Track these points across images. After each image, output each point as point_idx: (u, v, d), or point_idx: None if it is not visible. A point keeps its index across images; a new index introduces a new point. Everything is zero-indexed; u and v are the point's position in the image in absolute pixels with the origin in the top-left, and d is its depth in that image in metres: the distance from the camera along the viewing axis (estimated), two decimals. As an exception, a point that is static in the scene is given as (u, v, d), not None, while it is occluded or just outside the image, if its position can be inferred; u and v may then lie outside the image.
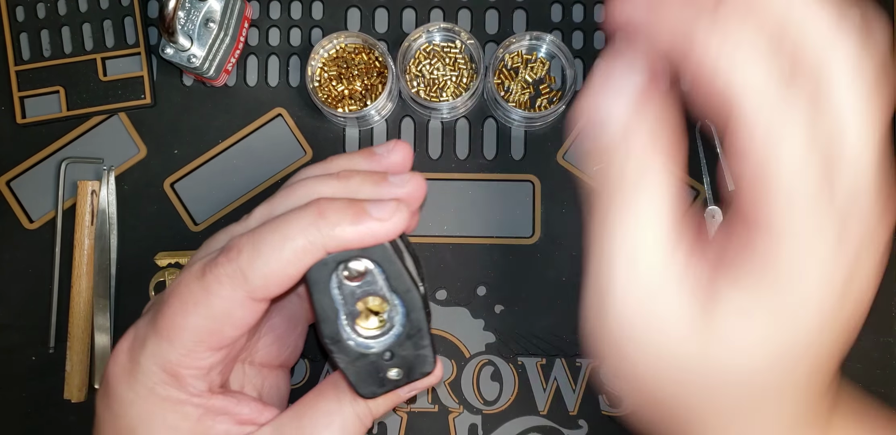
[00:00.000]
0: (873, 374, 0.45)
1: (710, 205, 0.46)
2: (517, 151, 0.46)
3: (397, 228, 0.28)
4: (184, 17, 0.42)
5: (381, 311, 0.29)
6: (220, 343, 0.28)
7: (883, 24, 0.23)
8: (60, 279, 0.45)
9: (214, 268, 0.28)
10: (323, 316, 0.28)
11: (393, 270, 0.28)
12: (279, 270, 0.27)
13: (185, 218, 0.46)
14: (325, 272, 0.28)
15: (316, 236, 0.27)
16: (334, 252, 0.28)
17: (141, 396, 0.29)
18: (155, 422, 0.29)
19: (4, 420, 0.44)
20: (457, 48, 0.46)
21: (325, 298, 0.28)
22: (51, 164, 0.46)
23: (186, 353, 0.28)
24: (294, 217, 0.27)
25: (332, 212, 0.27)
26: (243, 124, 0.46)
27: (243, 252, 0.27)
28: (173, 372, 0.29)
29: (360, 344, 0.29)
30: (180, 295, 0.28)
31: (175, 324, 0.28)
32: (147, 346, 0.29)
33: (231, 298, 0.27)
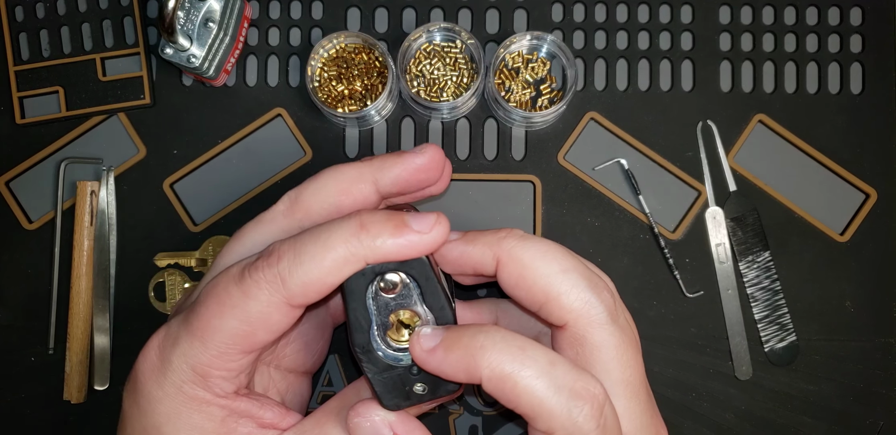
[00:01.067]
0: (874, 375, 0.45)
1: (711, 206, 0.46)
2: (518, 152, 0.46)
3: (437, 241, 0.28)
4: (183, 16, 0.42)
5: (413, 324, 0.29)
6: (252, 347, 0.29)
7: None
8: (60, 280, 0.45)
9: (254, 272, 0.28)
10: (356, 325, 0.29)
11: (429, 286, 0.29)
12: (318, 279, 0.27)
13: (184, 218, 0.46)
14: (363, 282, 0.28)
15: (357, 248, 0.27)
16: (374, 263, 0.28)
17: (169, 394, 0.29)
18: (180, 421, 0.29)
19: (4, 421, 0.44)
20: (457, 48, 0.45)
21: (360, 307, 0.28)
22: (50, 164, 0.46)
23: (218, 354, 0.28)
24: (336, 227, 0.28)
25: (374, 225, 0.28)
26: (243, 124, 0.46)
27: (284, 259, 0.28)
28: (203, 372, 0.29)
29: (388, 356, 0.29)
30: (217, 296, 0.28)
31: (210, 325, 0.28)
32: (179, 344, 0.29)
33: (268, 302, 0.28)
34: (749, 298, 0.45)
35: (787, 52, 0.47)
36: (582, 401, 0.26)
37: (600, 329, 0.29)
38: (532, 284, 0.29)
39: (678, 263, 0.45)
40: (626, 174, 0.46)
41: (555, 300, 0.29)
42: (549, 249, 0.30)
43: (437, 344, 0.27)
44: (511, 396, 0.26)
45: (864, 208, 0.46)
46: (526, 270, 0.29)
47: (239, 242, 0.33)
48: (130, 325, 0.45)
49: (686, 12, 0.47)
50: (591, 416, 0.26)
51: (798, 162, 0.46)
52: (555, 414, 0.26)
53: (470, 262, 0.30)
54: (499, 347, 0.27)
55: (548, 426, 0.26)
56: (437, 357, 0.27)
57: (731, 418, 0.45)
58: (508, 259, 0.30)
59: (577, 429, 0.26)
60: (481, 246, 0.30)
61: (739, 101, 0.47)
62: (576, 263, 0.30)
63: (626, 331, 0.30)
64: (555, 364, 0.27)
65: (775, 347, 0.45)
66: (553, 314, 0.30)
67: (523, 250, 0.29)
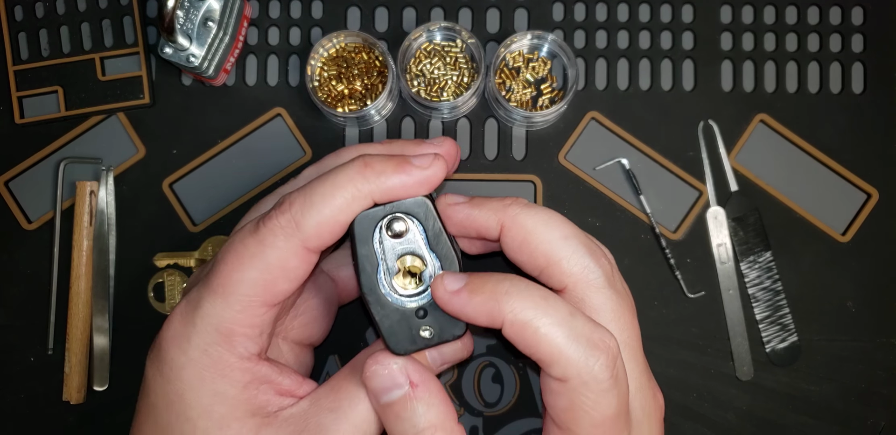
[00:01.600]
0: (876, 375, 0.45)
1: (713, 206, 0.46)
2: (518, 151, 0.46)
3: (437, 175, 0.30)
4: (183, 16, 0.42)
5: (419, 271, 0.30)
6: (273, 298, 0.30)
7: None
8: (59, 280, 0.45)
9: (268, 221, 0.29)
10: (363, 268, 0.30)
11: (433, 228, 0.30)
12: (330, 218, 0.29)
13: (183, 218, 0.46)
14: (370, 226, 0.30)
15: (363, 184, 0.29)
16: (381, 201, 0.30)
17: (193, 358, 0.30)
18: (203, 387, 0.30)
19: (3, 421, 0.44)
20: (458, 47, 0.45)
21: (367, 250, 0.30)
22: (49, 164, 0.46)
23: (241, 309, 0.29)
24: (342, 169, 0.30)
25: (377, 162, 0.29)
26: (242, 124, 0.46)
27: (295, 204, 0.29)
28: (227, 331, 0.30)
29: (395, 300, 0.30)
30: (235, 250, 0.29)
31: (231, 279, 0.29)
32: (202, 306, 0.30)
33: (286, 248, 0.29)
34: (750, 298, 0.45)
35: (788, 52, 0.47)
36: (598, 351, 0.27)
37: (598, 293, 0.31)
38: (534, 249, 0.31)
39: (679, 263, 0.45)
40: (627, 174, 0.46)
41: (556, 265, 0.31)
42: (552, 216, 0.31)
43: (462, 287, 0.29)
44: (531, 342, 0.27)
45: (865, 208, 0.46)
46: (529, 236, 0.31)
47: (256, 212, 0.35)
48: (130, 325, 0.45)
49: (687, 12, 0.47)
50: (606, 365, 0.27)
51: (799, 162, 0.46)
52: (572, 361, 0.27)
53: (475, 224, 0.32)
54: (523, 295, 0.28)
55: (563, 372, 0.27)
56: (461, 299, 0.28)
57: (732, 419, 0.44)
58: (513, 224, 0.31)
59: (592, 377, 0.27)
60: (487, 210, 0.32)
61: (741, 101, 0.46)
62: (576, 231, 0.31)
63: (623, 296, 0.32)
64: (574, 315, 0.28)
65: (776, 348, 0.45)
66: (553, 278, 0.31)
67: (527, 217, 0.31)
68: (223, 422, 0.30)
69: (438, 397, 0.29)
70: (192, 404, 0.30)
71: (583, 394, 0.27)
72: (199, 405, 0.30)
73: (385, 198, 0.30)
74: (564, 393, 0.28)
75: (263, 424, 0.30)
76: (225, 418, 0.30)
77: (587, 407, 0.28)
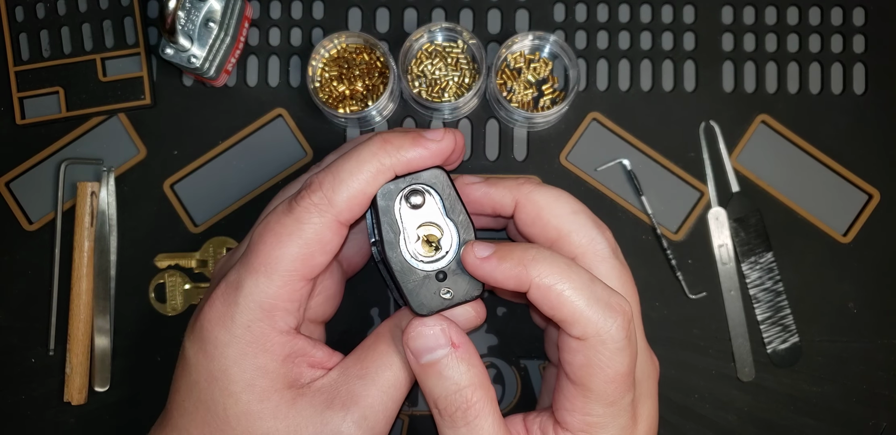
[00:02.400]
0: (877, 376, 0.45)
1: (714, 206, 0.46)
2: (520, 152, 0.46)
3: (449, 146, 0.33)
4: (184, 17, 0.42)
5: (437, 239, 0.33)
6: (311, 271, 0.32)
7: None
8: (60, 281, 0.45)
9: (301, 200, 0.32)
10: (386, 237, 0.32)
11: (449, 196, 0.33)
12: (359, 192, 0.32)
13: (184, 219, 0.45)
14: (391, 198, 0.32)
15: (385, 158, 0.32)
16: (401, 173, 0.32)
17: (236, 336, 0.32)
18: (246, 362, 0.32)
19: (4, 422, 0.44)
20: (459, 48, 0.45)
21: (390, 219, 0.32)
22: (50, 165, 0.46)
23: (283, 284, 0.32)
24: (364, 146, 0.32)
25: (395, 138, 0.32)
26: (243, 125, 0.46)
27: (325, 182, 0.32)
28: (269, 307, 0.32)
29: (417, 265, 0.32)
30: (272, 230, 0.32)
31: (272, 256, 0.31)
32: (244, 286, 0.32)
33: (321, 222, 0.31)
34: (752, 299, 0.45)
35: (789, 53, 0.47)
36: (615, 313, 0.30)
37: (604, 262, 0.34)
38: (546, 223, 0.34)
39: (681, 264, 0.45)
40: (628, 175, 0.46)
41: (565, 237, 0.34)
42: (562, 193, 0.35)
43: (491, 254, 0.31)
44: (555, 304, 0.30)
45: (866, 209, 0.46)
46: (542, 211, 0.34)
47: (282, 195, 0.37)
48: (131, 326, 0.45)
49: (689, 12, 0.47)
50: (622, 326, 0.30)
51: (801, 163, 0.46)
52: (591, 321, 0.30)
53: (490, 202, 0.35)
54: (548, 261, 0.30)
55: (583, 332, 0.30)
56: (491, 265, 0.31)
57: (733, 420, 0.44)
58: (526, 201, 0.34)
59: (610, 336, 0.30)
60: (502, 188, 0.35)
61: (742, 102, 0.46)
62: (583, 207, 0.35)
63: (626, 267, 0.35)
64: (594, 281, 0.30)
65: (778, 349, 0.45)
66: (563, 249, 0.34)
67: (539, 194, 0.34)
68: (264, 394, 0.32)
69: (477, 359, 0.32)
70: (235, 379, 0.32)
71: (599, 352, 0.30)
72: (243, 380, 0.32)
73: (405, 169, 0.32)
74: (582, 351, 0.30)
75: (298, 395, 0.32)
76: (266, 391, 0.32)
77: (603, 364, 0.30)
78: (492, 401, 0.31)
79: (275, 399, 0.32)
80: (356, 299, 0.44)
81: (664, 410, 0.44)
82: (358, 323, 0.45)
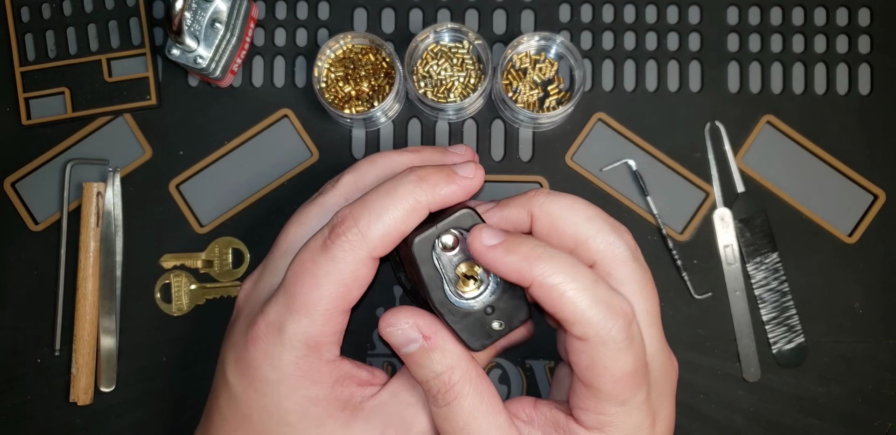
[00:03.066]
0: (883, 376, 0.45)
1: (720, 207, 0.46)
2: (525, 153, 0.46)
3: (480, 181, 0.34)
4: (190, 17, 0.42)
5: (476, 273, 0.33)
6: (348, 304, 0.33)
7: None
8: (66, 281, 0.45)
9: (337, 238, 0.32)
10: (431, 285, 0.32)
11: None
12: (393, 229, 0.32)
13: (190, 220, 0.46)
14: (427, 247, 0.32)
15: (420, 196, 0.32)
16: (434, 209, 0.33)
17: (286, 373, 0.33)
18: (299, 394, 0.33)
19: (9, 423, 0.44)
20: (464, 49, 0.45)
21: (430, 269, 0.32)
22: (56, 165, 0.46)
23: (324, 322, 0.32)
24: (399, 182, 0.32)
25: (431, 175, 0.33)
26: (249, 125, 0.46)
27: (361, 219, 0.32)
28: (315, 343, 0.33)
29: (463, 305, 0.33)
30: (308, 271, 0.32)
31: (310, 298, 0.32)
32: (287, 328, 0.32)
33: (355, 260, 0.32)
34: (757, 299, 0.45)
35: (795, 53, 0.47)
36: (616, 315, 0.30)
37: (624, 266, 0.33)
38: (562, 232, 0.34)
39: (686, 265, 0.45)
40: (633, 175, 0.46)
41: (583, 244, 0.33)
42: (575, 201, 0.34)
43: (499, 243, 0.31)
44: (556, 303, 0.30)
45: (872, 209, 0.46)
46: (556, 221, 0.34)
47: (301, 224, 0.37)
48: (137, 326, 0.45)
49: (694, 13, 0.47)
50: (623, 328, 0.30)
51: (806, 163, 0.46)
52: (592, 322, 0.30)
53: (509, 223, 0.35)
54: (553, 260, 0.30)
55: (584, 332, 0.30)
56: (496, 255, 0.31)
57: (738, 420, 0.44)
58: (540, 213, 0.34)
59: (610, 337, 0.30)
60: (515, 207, 0.35)
61: (747, 102, 0.46)
62: (599, 212, 0.34)
63: (646, 269, 0.34)
64: (598, 282, 0.30)
65: (783, 349, 0.45)
66: (583, 256, 0.34)
67: (552, 204, 0.34)
68: (319, 421, 0.33)
69: (450, 343, 0.32)
70: (290, 410, 0.33)
71: (602, 352, 0.30)
72: (297, 411, 0.33)
73: (439, 206, 0.33)
74: (586, 351, 0.30)
75: (353, 417, 0.34)
76: (321, 417, 0.33)
77: (607, 364, 0.30)
78: (472, 380, 0.32)
79: (329, 424, 0.33)
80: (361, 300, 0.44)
81: (670, 410, 0.44)
82: (362, 323, 0.45)
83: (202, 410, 0.38)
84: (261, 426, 0.34)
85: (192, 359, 0.45)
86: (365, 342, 0.45)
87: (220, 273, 0.45)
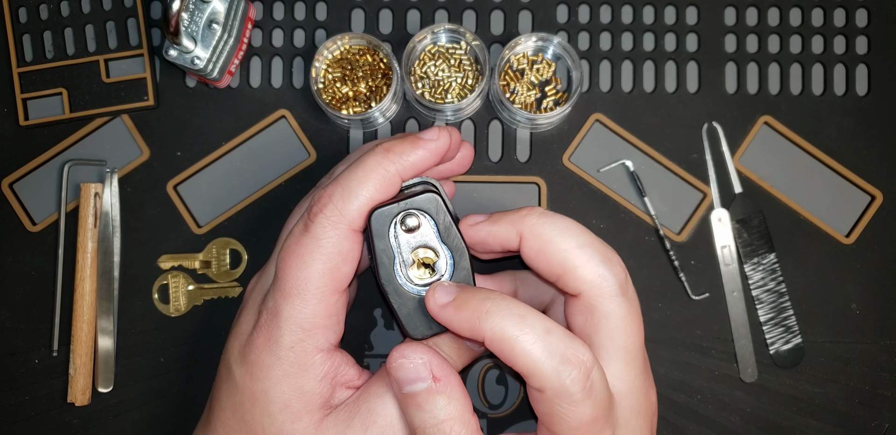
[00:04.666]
0: (880, 377, 0.45)
1: (717, 208, 0.46)
2: (523, 153, 0.46)
3: (446, 142, 0.34)
4: (187, 18, 0.42)
5: (432, 261, 0.33)
6: (341, 283, 0.33)
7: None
8: (63, 282, 0.45)
9: (315, 217, 0.32)
10: (381, 261, 0.33)
11: (444, 221, 0.33)
12: (369, 199, 0.32)
13: (188, 220, 0.46)
14: (385, 222, 0.32)
15: (389, 166, 0.33)
16: (406, 178, 0.33)
17: (281, 357, 0.33)
18: (287, 383, 0.33)
19: (7, 424, 0.44)
20: (462, 49, 0.45)
21: (384, 244, 0.32)
22: (54, 166, 0.46)
23: (317, 302, 0.33)
24: (367, 156, 0.33)
25: (395, 145, 0.33)
26: (247, 126, 0.46)
27: (334, 195, 0.32)
28: (310, 325, 0.33)
29: (411, 289, 0.33)
30: (294, 253, 0.33)
31: (300, 278, 0.32)
32: (282, 311, 0.33)
33: (337, 235, 0.32)
34: (754, 300, 0.45)
35: (792, 54, 0.47)
36: (571, 366, 0.29)
37: (610, 301, 0.33)
38: (551, 258, 0.33)
39: (683, 265, 0.45)
40: (631, 176, 0.46)
41: (571, 272, 0.32)
42: (568, 225, 0.33)
43: (450, 302, 0.31)
44: (509, 356, 0.30)
45: (869, 210, 0.46)
46: (546, 245, 0.33)
47: (297, 212, 0.38)
48: (134, 327, 0.45)
49: (691, 13, 0.47)
50: (578, 379, 0.29)
51: (803, 164, 0.46)
52: (546, 374, 0.29)
53: (497, 240, 0.34)
54: (502, 314, 0.30)
55: (539, 385, 0.29)
56: (448, 313, 0.31)
57: (736, 421, 0.45)
58: (530, 235, 0.33)
59: (564, 390, 0.29)
60: (505, 224, 0.34)
61: (745, 103, 0.46)
62: (591, 239, 0.33)
63: (633, 303, 0.33)
64: (550, 332, 0.30)
65: (780, 350, 0.45)
66: (569, 285, 0.33)
67: (543, 226, 0.33)
68: (296, 415, 0.33)
69: (458, 391, 0.32)
70: (274, 400, 0.33)
71: (557, 404, 0.29)
72: (280, 400, 0.33)
73: (410, 173, 0.33)
74: (543, 401, 0.30)
75: (325, 416, 0.33)
76: (299, 412, 0.33)
77: (563, 414, 0.30)
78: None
79: (305, 420, 0.33)
80: (359, 301, 0.44)
81: (667, 410, 0.44)
82: (360, 324, 0.45)
83: (201, 410, 0.38)
84: (248, 416, 0.34)
85: (190, 359, 0.45)
86: (363, 343, 0.45)
87: (217, 274, 0.45)
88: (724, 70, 0.47)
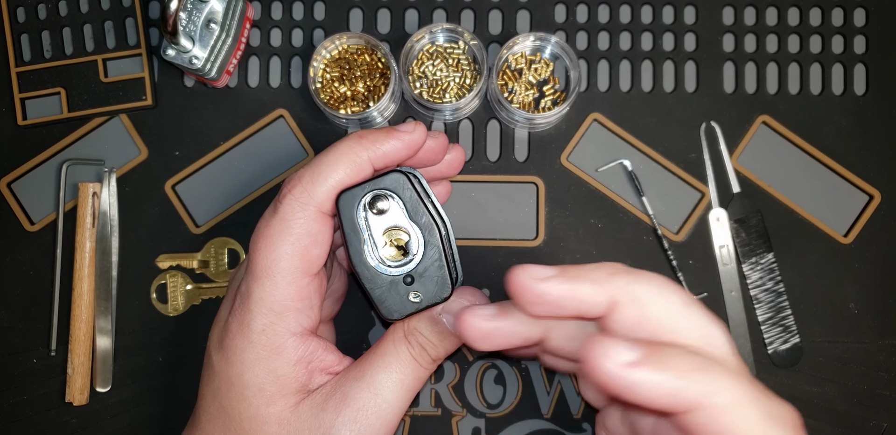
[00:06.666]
0: (878, 377, 0.45)
1: (715, 207, 0.46)
2: (521, 153, 0.46)
3: (421, 136, 0.34)
4: (185, 18, 0.42)
5: (403, 242, 0.33)
6: (311, 266, 0.33)
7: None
8: (61, 282, 0.45)
9: (283, 198, 0.33)
10: (351, 243, 0.33)
11: (410, 199, 0.33)
12: (338, 183, 0.32)
13: (186, 220, 0.46)
14: (353, 204, 0.33)
15: (360, 152, 0.33)
16: (377, 166, 0.33)
17: (253, 341, 0.33)
18: (260, 366, 0.33)
19: (5, 423, 0.44)
20: (460, 49, 0.45)
21: (353, 227, 0.33)
22: (52, 165, 0.46)
23: (287, 283, 0.32)
24: (340, 142, 0.33)
25: (370, 133, 0.34)
26: (245, 126, 0.46)
27: (304, 176, 0.33)
28: (280, 308, 0.33)
29: (384, 270, 0.33)
30: (262, 235, 0.33)
31: (269, 259, 0.32)
32: (252, 293, 0.33)
33: (305, 216, 0.32)
34: (752, 299, 0.45)
35: (790, 53, 0.47)
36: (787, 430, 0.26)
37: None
38: (656, 324, 0.27)
39: (681, 265, 0.45)
40: (629, 176, 0.46)
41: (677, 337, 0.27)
42: (662, 283, 0.28)
43: (640, 358, 0.25)
44: (722, 431, 0.25)
45: (867, 210, 0.46)
46: (646, 309, 0.27)
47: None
48: (132, 326, 0.45)
49: (689, 13, 0.47)
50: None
51: (801, 163, 0.46)
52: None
53: (576, 302, 0.28)
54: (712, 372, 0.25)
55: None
56: (640, 376, 0.25)
57: (734, 420, 0.44)
58: (627, 298, 0.27)
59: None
60: (590, 284, 0.27)
61: (743, 103, 0.46)
62: (691, 296, 0.28)
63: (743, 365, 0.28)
64: (763, 391, 0.26)
65: (779, 349, 0.45)
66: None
67: (639, 288, 0.27)
68: (271, 399, 0.33)
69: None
70: (248, 384, 0.33)
71: None
72: (255, 384, 0.33)
73: (382, 162, 0.33)
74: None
75: (301, 400, 0.33)
76: (273, 396, 0.33)
77: None
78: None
79: (280, 404, 0.33)
80: (357, 300, 0.44)
81: (665, 410, 0.44)
82: (359, 324, 0.45)
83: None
84: (226, 402, 0.34)
85: (188, 359, 0.45)
86: (360, 342, 0.45)
87: (215, 273, 0.45)
88: (723, 70, 0.47)
